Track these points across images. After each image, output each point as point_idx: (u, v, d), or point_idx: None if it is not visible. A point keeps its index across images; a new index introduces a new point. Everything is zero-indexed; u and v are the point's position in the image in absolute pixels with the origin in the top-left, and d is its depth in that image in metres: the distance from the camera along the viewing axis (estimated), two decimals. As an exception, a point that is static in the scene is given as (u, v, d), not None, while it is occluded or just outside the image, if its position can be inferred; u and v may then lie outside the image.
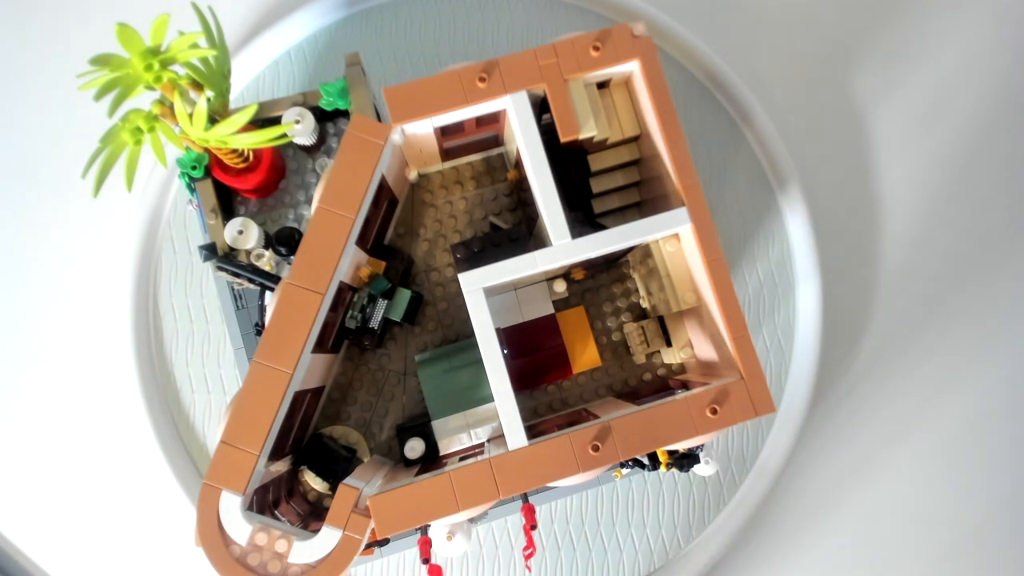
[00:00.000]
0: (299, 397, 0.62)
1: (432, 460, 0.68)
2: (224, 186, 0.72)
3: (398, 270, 0.70)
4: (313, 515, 0.68)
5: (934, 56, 0.95)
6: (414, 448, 0.67)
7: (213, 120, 0.59)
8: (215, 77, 0.60)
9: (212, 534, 0.55)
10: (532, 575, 0.84)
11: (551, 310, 0.71)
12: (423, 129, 0.64)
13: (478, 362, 0.63)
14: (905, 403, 0.90)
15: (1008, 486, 0.88)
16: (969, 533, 0.88)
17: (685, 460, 0.72)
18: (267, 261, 0.69)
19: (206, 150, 0.68)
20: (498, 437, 0.66)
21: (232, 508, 0.56)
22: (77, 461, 0.86)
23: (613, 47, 0.62)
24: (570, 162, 0.70)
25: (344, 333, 0.69)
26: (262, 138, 0.60)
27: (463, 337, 0.74)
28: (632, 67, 0.64)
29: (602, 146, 0.69)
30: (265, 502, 0.62)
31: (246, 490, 0.56)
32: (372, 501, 0.56)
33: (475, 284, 0.60)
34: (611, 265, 0.74)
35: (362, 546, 0.57)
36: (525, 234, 0.68)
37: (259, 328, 0.79)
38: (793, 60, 0.94)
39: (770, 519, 0.87)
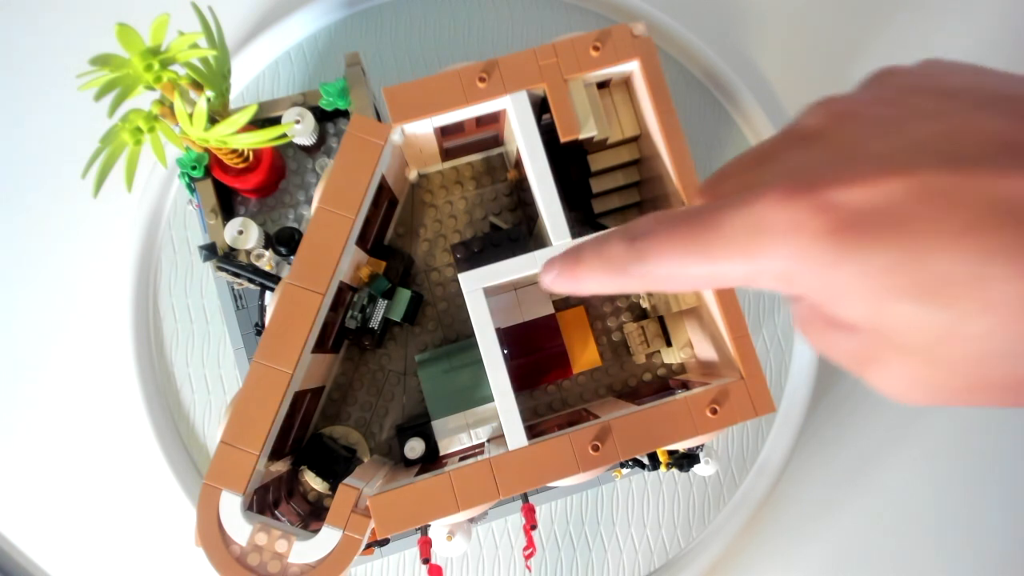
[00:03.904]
0: (299, 397, 0.62)
1: (432, 460, 0.68)
2: (224, 186, 0.72)
3: (398, 270, 0.70)
4: (313, 515, 0.68)
5: (934, 56, 0.95)
6: (414, 448, 0.67)
7: (213, 120, 0.59)
8: (215, 77, 0.60)
9: (212, 534, 0.55)
10: (532, 575, 0.83)
11: (551, 310, 0.71)
12: (423, 129, 0.64)
13: (478, 362, 0.63)
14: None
15: (1008, 485, 0.88)
16: (969, 532, 0.88)
17: (685, 460, 0.72)
18: (267, 261, 0.69)
19: (206, 150, 0.68)
20: (498, 437, 0.66)
21: (232, 508, 0.56)
22: (77, 461, 0.86)
23: (613, 47, 0.62)
24: (570, 162, 0.70)
25: (344, 333, 0.69)
26: (262, 138, 0.60)
27: (463, 337, 0.73)
28: (632, 67, 0.64)
29: (602, 146, 0.69)
30: (265, 502, 0.62)
31: (246, 490, 0.56)
32: (372, 501, 0.56)
33: (475, 284, 0.60)
34: (611, 265, 0.74)
35: (362, 546, 0.57)
36: (525, 234, 0.68)
37: (259, 328, 0.79)
38: (793, 60, 0.94)
39: (770, 519, 0.87)
